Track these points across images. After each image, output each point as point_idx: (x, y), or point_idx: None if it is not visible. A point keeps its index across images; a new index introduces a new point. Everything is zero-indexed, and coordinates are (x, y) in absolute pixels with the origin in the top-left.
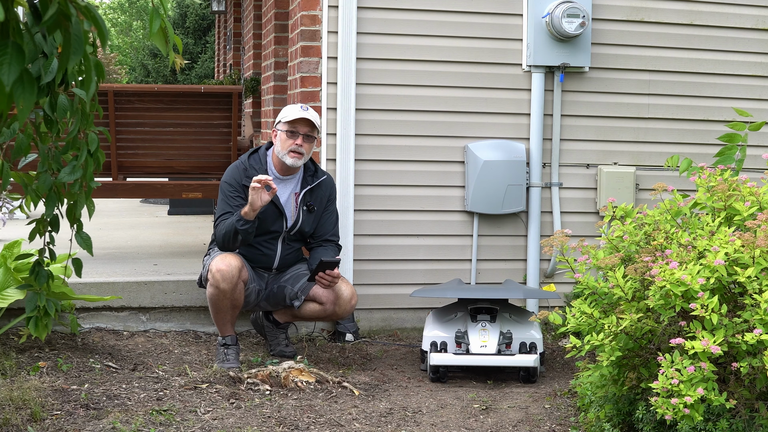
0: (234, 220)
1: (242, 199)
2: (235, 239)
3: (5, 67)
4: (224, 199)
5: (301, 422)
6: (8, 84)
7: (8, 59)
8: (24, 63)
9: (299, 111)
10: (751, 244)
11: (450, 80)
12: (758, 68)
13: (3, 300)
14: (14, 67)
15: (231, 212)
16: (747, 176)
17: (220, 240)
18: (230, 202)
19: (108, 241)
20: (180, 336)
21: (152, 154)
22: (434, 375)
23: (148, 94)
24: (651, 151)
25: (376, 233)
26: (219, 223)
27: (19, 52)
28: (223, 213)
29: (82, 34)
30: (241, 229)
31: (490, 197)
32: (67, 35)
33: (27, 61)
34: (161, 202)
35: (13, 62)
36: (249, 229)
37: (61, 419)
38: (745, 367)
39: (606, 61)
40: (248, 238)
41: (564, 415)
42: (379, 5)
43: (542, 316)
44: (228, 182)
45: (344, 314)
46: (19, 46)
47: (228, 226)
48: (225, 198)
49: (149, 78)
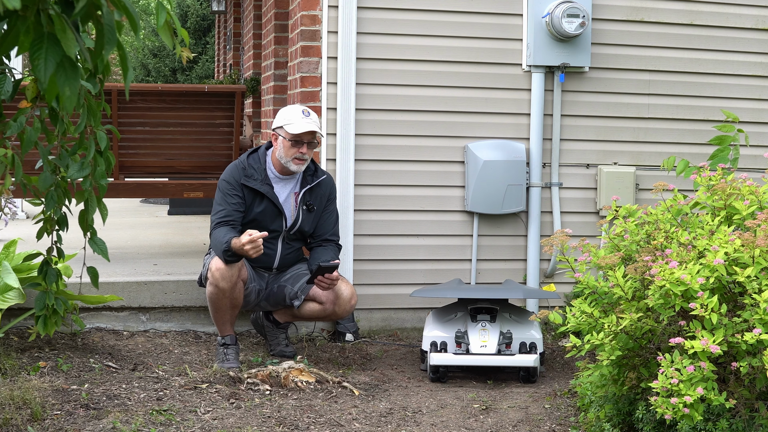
0: (223, 247)
1: (240, 198)
2: (222, 254)
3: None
4: (222, 197)
5: (301, 422)
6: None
7: (43, 53)
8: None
9: (302, 120)
10: (750, 243)
11: (450, 80)
12: (758, 68)
13: (4, 302)
14: (50, 60)
15: (226, 210)
16: (747, 176)
17: (212, 244)
18: (228, 200)
19: (108, 241)
20: (180, 336)
21: (154, 154)
22: (434, 375)
23: (152, 93)
24: (651, 151)
25: (376, 233)
26: (216, 228)
27: (55, 44)
28: (219, 211)
29: (114, 24)
30: (228, 259)
31: (490, 197)
32: (99, 26)
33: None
34: (161, 202)
35: (49, 55)
36: (233, 262)
37: (61, 419)
38: (744, 366)
39: (606, 61)
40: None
41: (564, 415)
42: (379, 5)
43: (542, 316)
44: (227, 180)
45: (344, 314)
46: (55, 37)
47: (217, 244)
48: (223, 196)
49: (149, 77)
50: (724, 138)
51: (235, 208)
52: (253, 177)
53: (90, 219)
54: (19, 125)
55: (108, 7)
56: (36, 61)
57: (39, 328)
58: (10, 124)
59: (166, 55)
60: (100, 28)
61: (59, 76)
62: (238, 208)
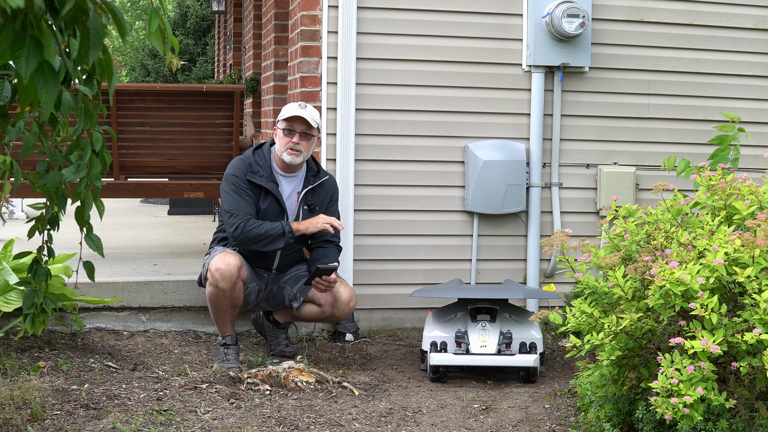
0: (285, 229)
1: (252, 192)
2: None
3: (22, 60)
4: (236, 192)
5: (301, 422)
6: (26, 77)
7: (25, 52)
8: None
9: (296, 109)
10: (750, 243)
11: (450, 80)
12: (758, 68)
13: (8, 304)
14: (32, 60)
15: (247, 203)
16: (747, 176)
17: (250, 238)
18: (242, 195)
19: (108, 241)
20: (180, 336)
21: (154, 154)
22: (434, 375)
23: (151, 93)
24: (651, 151)
25: (376, 233)
26: (246, 222)
27: (37, 45)
28: (240, 206)
29: (100, 28)
30: (289, 240)
31: (490, 197)
32: (84, 30)
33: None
34: (161, 202)
35: (30, 55)
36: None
37: (61, 419)
38: (744, 366)
39: (606, 61)
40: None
41: (564, 415)
42: (379, 5)
43: (542, 316)
44: (236, 175)
45: (342, 316)
46: (37, 39)
47: (273, 230)
48: (236, 191)
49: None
50: (725, 137)
51: (253, 201)
52: (259, 173)
53: (86, 215)
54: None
55: (95, 10)
56: (18, 60)
57: (27, 326)
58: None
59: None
60: (85, 32)
61: (38, 79)
62: (254, 202)
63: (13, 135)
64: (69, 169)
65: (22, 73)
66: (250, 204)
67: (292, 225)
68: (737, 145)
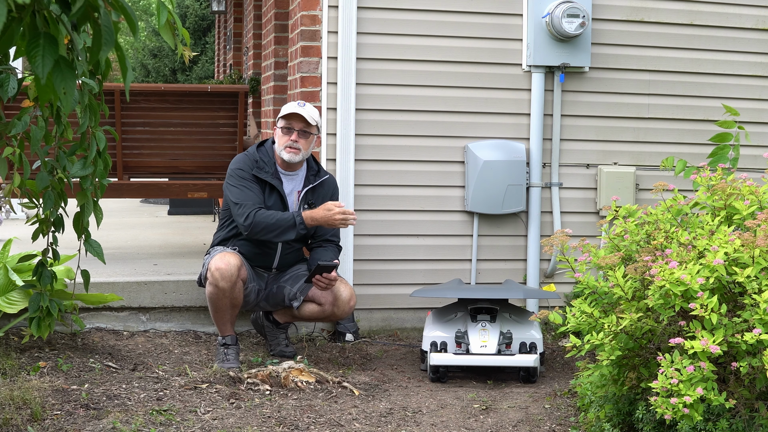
0: (296, 220)
1: (258, 185)
2: (283, 234)
3: (38, 60)
4: (243, 185)
5: (301, 422)
6: (43, 76)
7: (41, 51)
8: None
9: (294, 107)
10: (750, 243)
11: (450, 80)
12: (758, 68)
13: (11, 306)
14: (48, 58)
15: (254, 194)
16: (747, 176)
17: (261, 228)
18: (249, 186)
19: (108, 241)
20: (180, 336)
21: (157, 154)
22: (434, 375)
23: (154, 93)
24: (651, 151)
25: (376, 233)
26: (256, 212)
27: (52, 43)
28: (248, 197)
29: (112, 25)
30: (300, 231)
31: (490, 197)
32: (96, 27)
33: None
34: (161, 202)
35: (46, 53)
36: (302, 234)
37: (61, 419)
38: (744, 366)
39: (606, 61)
40: (288, 238)
41: (564, 415)
42: (379, 5)
43: (542, 316)
44: (242, 168)
45: (343, 315)
46: (52, 37)
47: (284, 220)
48: (243, 184)
49: (149, 78)
50: (724, 136)
51: (261, 190)
52: (264, 169)
53: (85, 222)
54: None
55: (105, 8)
56: (34, 59)
57: (33, 330)
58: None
59: (165, 56)
60: (97, 29)
61: (56, 76)
62: (261, 193)
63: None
64: (75, 165)
65: (39, 73)
66: (258, 194)
67: (303, 214)
68: (737, 144)
